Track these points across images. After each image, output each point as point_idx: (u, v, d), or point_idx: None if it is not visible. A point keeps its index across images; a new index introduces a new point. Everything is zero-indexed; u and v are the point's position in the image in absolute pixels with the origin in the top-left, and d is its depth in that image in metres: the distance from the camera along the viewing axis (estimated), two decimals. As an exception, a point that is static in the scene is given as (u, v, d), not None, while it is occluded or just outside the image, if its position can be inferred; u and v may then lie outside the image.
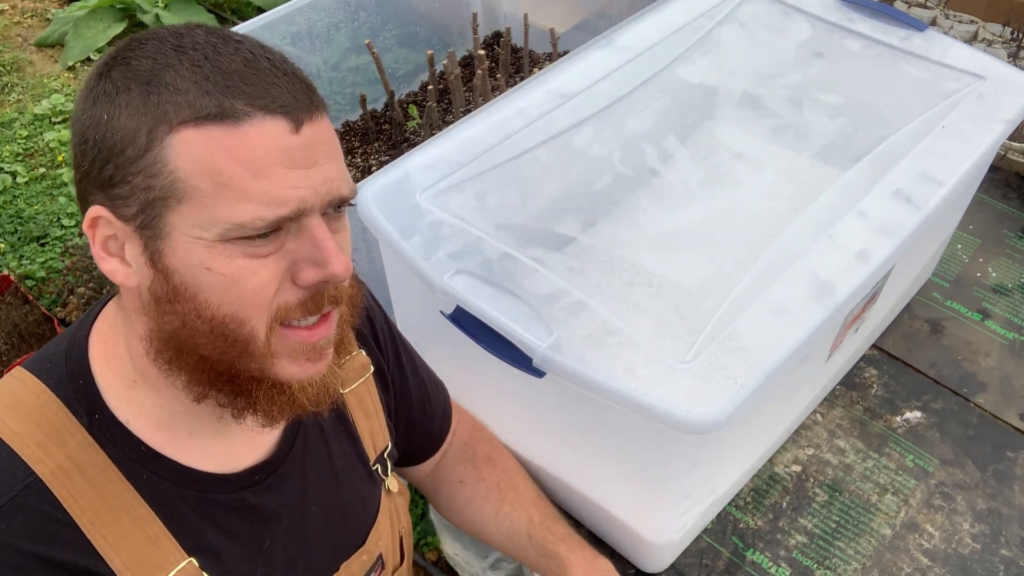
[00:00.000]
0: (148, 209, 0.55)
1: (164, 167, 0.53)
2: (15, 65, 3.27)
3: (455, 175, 0.98)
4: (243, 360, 0.59)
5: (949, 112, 1.04)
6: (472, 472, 0.95)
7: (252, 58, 0.55)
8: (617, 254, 1.07)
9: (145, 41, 0.56)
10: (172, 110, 0.53)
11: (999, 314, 1.33)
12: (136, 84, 0.54)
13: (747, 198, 1.16)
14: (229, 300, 0.56)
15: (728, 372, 0.78)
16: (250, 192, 0.53)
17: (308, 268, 0.57)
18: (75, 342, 0.64)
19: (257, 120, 0.53)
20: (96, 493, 0.60)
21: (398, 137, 1.62)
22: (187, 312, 0.56)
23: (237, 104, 0.53)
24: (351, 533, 0.80)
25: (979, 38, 1.77)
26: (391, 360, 0.86)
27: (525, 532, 0.91)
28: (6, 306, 2.11)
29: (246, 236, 0.55)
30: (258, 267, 0.56)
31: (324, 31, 1.61)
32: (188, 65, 0.54)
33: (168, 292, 0.56)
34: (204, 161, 0.53)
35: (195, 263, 0.55)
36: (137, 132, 0.53)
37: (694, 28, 1.21)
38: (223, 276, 0.55)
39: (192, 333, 0.57)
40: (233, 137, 0.53)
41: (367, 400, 0.82)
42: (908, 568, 1.03)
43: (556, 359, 0.79)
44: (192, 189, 0.53)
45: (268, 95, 0.54)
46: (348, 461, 0.79)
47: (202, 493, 0.66)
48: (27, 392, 0.62)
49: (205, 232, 0.54)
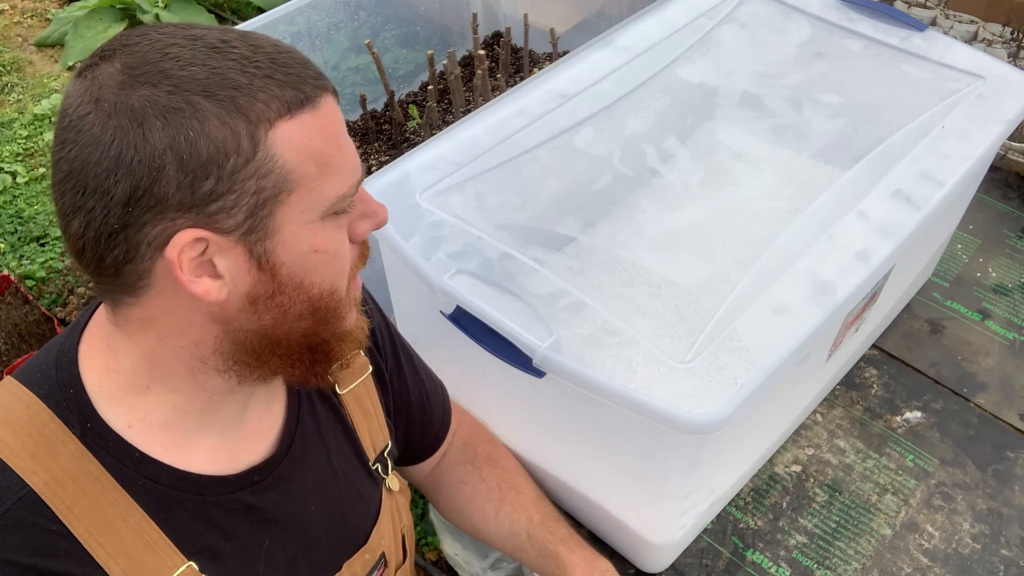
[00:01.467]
0: (257, 211, 0.56)
1: (275, 164, 0.55)
2: (15, 65, 3.27)
3: (455, 175, 0.98)
4: (332, 324, 0.64)
5: (949, 112, 1.04)
6: (472, 472, 0.95)
7: (279, 46, 0.58)
8: (617, 254, 1.07)
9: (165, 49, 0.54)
10: (265, 108, 0.54)
11: (999, 314, 1.33)
12: (204, 93, 0.53)
13: (747, 198, 1.16)
14: (329, 274, 0.61)
15: (728, 372, 0.78)
16: (342, 164, 0.59)
17: (362, 222, 0.64)
18: (64, 352, 0.64)
19: (324, 99, 0.58)
20: (91, 502, 0.60)
21: (398, 137, 1.62)
22: (291, 301, 0.60)
23: (310, 89, 0.57)
24: (352, 532, 0.80)
25: (979, 38, 1.77)
26: (389, 360, 0.86)
27: (525, 532, 0.91)
28: (6, 306, 2.11)
29: (338, 209, 0.60)
30: (343, 237, 0.62)
31: (324, 31, 1.61)
32: (246, 63, 0.55)
33: (273, 288, 0.59)
34: (307, 147, 0.56)
35: (304, 250, 0.59)
36: (238, 139, 0.53)
37: (694, 28, 1.21)
38: (327, 253, 0.60)
39: (293, 319, 0.61)
40: (318, 119, 0.57)
41: (366, 400, 0.82)
42: (908, 568, 1.03)
43: (556, 359, 0.79)
44: (300, 176, 0.56)
45: (318, 75, 0.58)
46: (347, 461, 0.79)
47: (200, 496, 0.65)
48: (18, 404, 0.62)
49: (312, 214, 0.58)
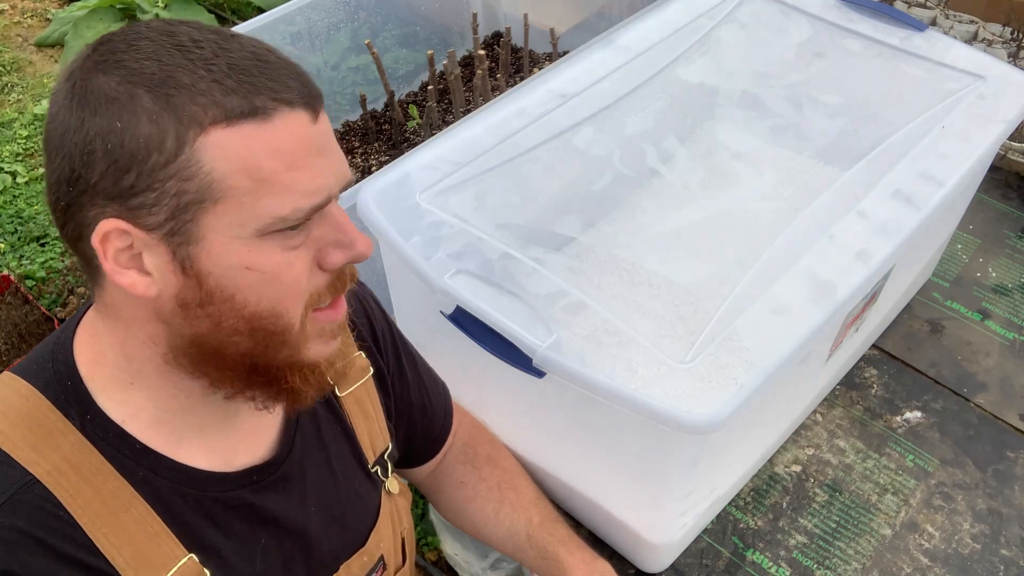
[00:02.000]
0: (179, 214, 0.54)
1: (199, 169, 0.53)
2: (15, 65, 3.27)
3: (455, 175, 0.98)
4: (278, 350, 0.60)
5: (949, 112, 1.04)
6: (473, 473, 0.95)
7: (258, 52, 0.55)
8: (617, 254, 1.07)
9: (135, 41, 0.54)
10: (200, 112, 0.52)
11: (999, 314, 1.33)
12: (147, 87, 0.52)
13: (747, 198, 1.16)
14: (269, 296, 0.57)
15: (728, 372, 0.78)
16: (288, 184, 0.55)
17: (334, 251, 0.60)
18: (60, 344, 0.64)
19: (283, 113, 0.54)
20: (94, 492, 0.60)
21: (398, 137, 1.62)
22: (222, 314, 0.57)
23: (263, 100, 0.54)
24: (350, 534, 0.80)
25: (979, 38, 1.77)
26: (391, 362, 0.86)
27: (524, 533, 0.91)
28: (6, 306, 2.11)
29: (282, 229, 0.56)
30: (293, 259, 0.58)
31: (324, 31, 1.61)
32: (200, 64, 0.53)
33: (201, 296, 0.56)
34: (241, 160, 0.53)
35: (234, 263, 0.56)
36: (163, 137, 0.52)
37: (694, 28, 1.21)
38: (263, 273, 0.56)
39: (227, 333, 0.58)
40: (267, 133, 0.54)
41: (366, 402, 0.82)
42: (908, 568, 1.03)
43: (556, 359, 0.79)
44: (230, 188, 0.54)
45: (286, 87, 0.55)
46: (346, 463, 0.79)
47: (200, 491, 0.65)
48: (16, 396, 0.62)
49: (243, 230, 0.55)
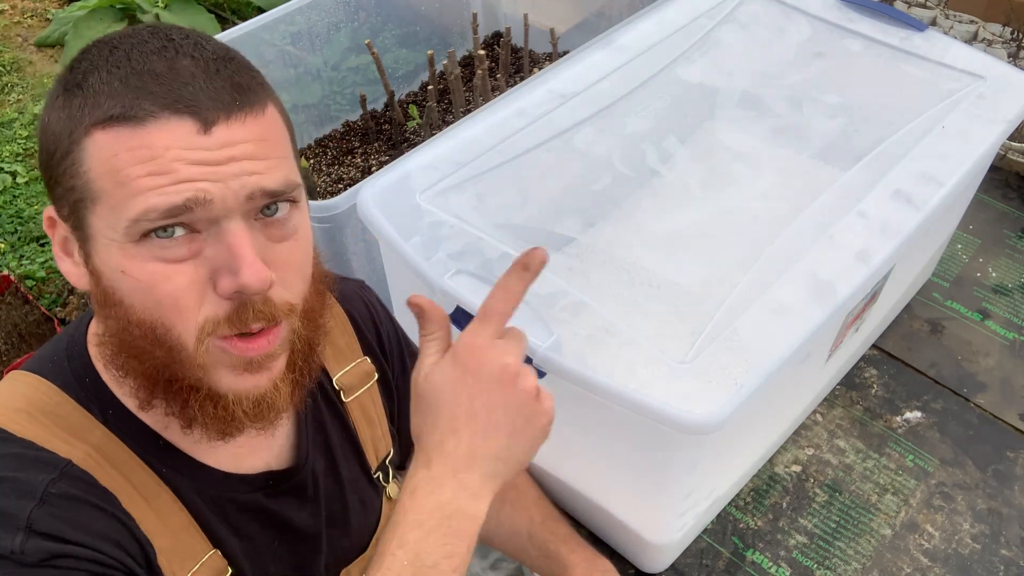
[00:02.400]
0: (75, 210, 0.55)
1: (79, 168, 0.54)
2: (15, 65, 3.27)
3: (455, 175, 0.98)
4: (178, 366, 0.57)
5: (949, 112, 1.04)
6: None
7: (174, 57, 0.54)
8: (617, 254, 1.07)
9: (95, 45, 0.56)
10: (87, 113, 0.53)
11: (999, 314, 1.33)
12: (66, 87, 0.55)
13: (747, 198, 1.16)
14: (147, 306, 0.55)
15: (728, 372, 0.77)
16: (144, 187, 0.52)
17: (225, 276, 0.54)
18: (75, 342, 0.64)
19: (162, 120, 0.52)
20: (124, 479, 0.61)
21: (398, 137, 1.62)
22: (119, 316, 0.56)
23: (143, 104, 0.52)
24: (354, 540, 0.80)
25: (979, 38, 1.77)
26: (396, 367, 0.86)
27: (526, 532, 0.91)
28: (6, 306, 2.11)
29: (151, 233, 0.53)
30: (172, 272, 0.54)
31: (324, 31, 1.61)
32: (109, 67, 0.54)
33: (101, 294, 0.56)
34: (108, 162, 0.53)
35: (113, 265, 0.54)
36: (61, 135, 0.54)
37: (694, 28, 1.21)
38: (137, 281, 0.54)
39: (128, 337, 0.56)
40: (135, 137, 0.52)
41: (370, 408, 0.82)
42: (908, 568, 1.03)
43: (556, 359, 0.79)
44: (99, 190, 0.53)
45: (176, 95, 0.52)
46: (352, 469, 0.79)
47: (217, 491, 0.66)
48: (38, 393, 0.61)
49: (115, 233, 0.53)
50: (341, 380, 0.79)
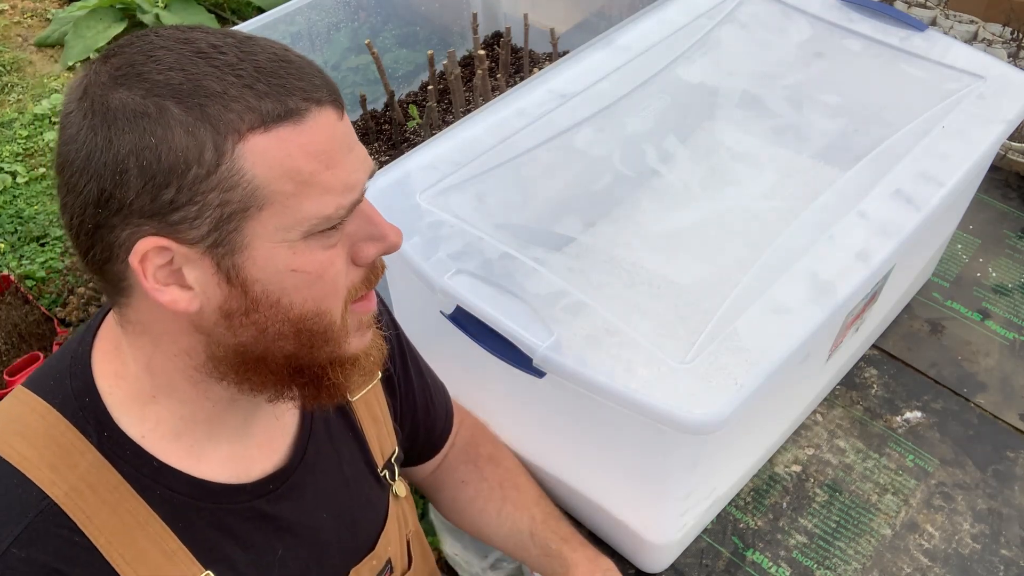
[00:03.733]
0: (223, 225, 0.53)
1: (241, 178, 0.52)
2: (15, 65, 3.27)
3: (455, 175, 0.98)
4: (322, 349, 0.61)
5: (949, 112, 1.04)
6: (474, 472, 0.95)
7: (279, 53, 0.55)
8: (617, 254, 1.07)
9: (152, 52, 0.53)
10: (236, 119, 0.51)
11: (999, 314, 1.33)
12: (176, 98, 0.51)
13: (747, 198, 1.16)
14: (313, 296, 0.58)
15: (728, 372, 0.78)
16: (328, 184, 0.55)
17: (367, 245, 0.60)
18: (78, 358, 0.63)
19: (314, 113, 0.54)
20: (111, 512, 0.60)
21: (398, 137, 1.62)
22: (267, 319, 0.57)
23: (296, 101, 0.53)
24: (361, 539, 0.80)
25: (979, 38, 1.77)
26: (397, 364, 0.86)
27: (527, 531, 0.91)
28: (6, 306, 2.11)
29: (324, 229, 0.56)
30: (334, 256, 0.58)
31: (324, 31, 1.61)
32: (228, 70, 0.52)
33: (246, 305, 0.56)
34: (283, 164, 0.53)
35: (280, 267, 0.56)
36: (201, 148, 0.51)
37: (694, 28, 1.21)
38: (308, 274, 0.57)
39: (272, 338, 0.58)
40: (302, 134, 0.53)
41: (375, 406, 0.82)
42: (908, 568, 1.03)
43: (556, 359, 0.79)
44: (273, 193, 0.53)
45: (314, 86, 0.55)
46: (357, 467, 0.79)
47: (216, 504, 0.65)
48: (34, 415, 0.61)
49: (289, 233, 0.55)
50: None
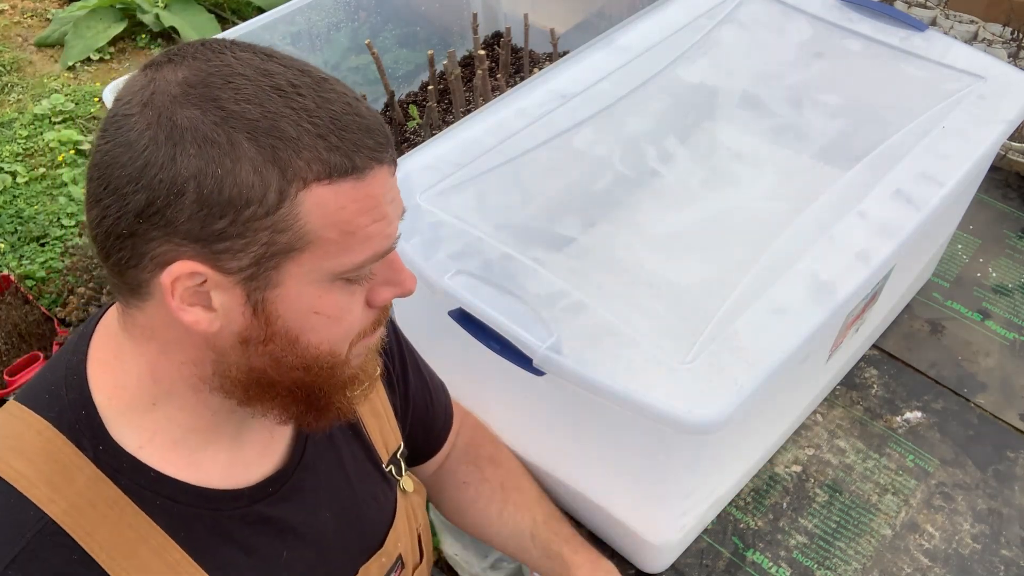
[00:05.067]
0: (264, 262, 0.54)
1: (295, 223, 0.53)
2: (15, 65, 3.27)
3: (455, 175, 0.98)
4: (330, 382, 0.62)
5: (949, 112, 1.04)
6: (475, 473, 0.95)
7: (352, 105, 0.56)
8: (617, 254, 1.08)
9: (231, 78, 0.53)
10: (305, 167, 0.52)
11: (999, 314, 1.33)
12: (249, 134, 0.51)
13: (747, 198, 1.16)
14: (329, 337, 0.59)
15: (728, 372, 0.78)
16: (370, 235, 0.57)
17: (384, 289, 0.62)
18: (73, 369, 0.63)
19: (375, 170, 0.56)
20: (111, 527, 0.60)
21: (398, 137, 1.62)
22: (283, 353, 0.59)
23: (362, 158, 0.55)
24: (367, 536, 0.79)
25: (979, 38, 1.77)
26: (396, 362, 0.87)
27: (528, 532, 0.91)
28: (6, 306, 2.11)
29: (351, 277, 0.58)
30: (353, 302, 0.60)
31: (324, 31, 1.61)
32: (304, 115, 0.53)
33: (265, 335, 0.58)
34: (336, 215, 0.55)
35: (304, 308, 0.57)
36: (266, 189, 0.52)
37: (694, 28, 1.21)
38: (329, 316, 0.58)
39: (283, 370, 0.60)
40: (360, 190, 0.55)
41: (375, 401, 0.82)
42: (908, 568, 1.03)
43: (556, 359, 0.79)
44: (318, 239, 0.55)
45: (379, 145, 0.56)
46: (359, 464, 0.79)
47: (216, 511, 0.65)
48: (29, 430, 0.61)
49: (319, 275, 0.56)
50: None
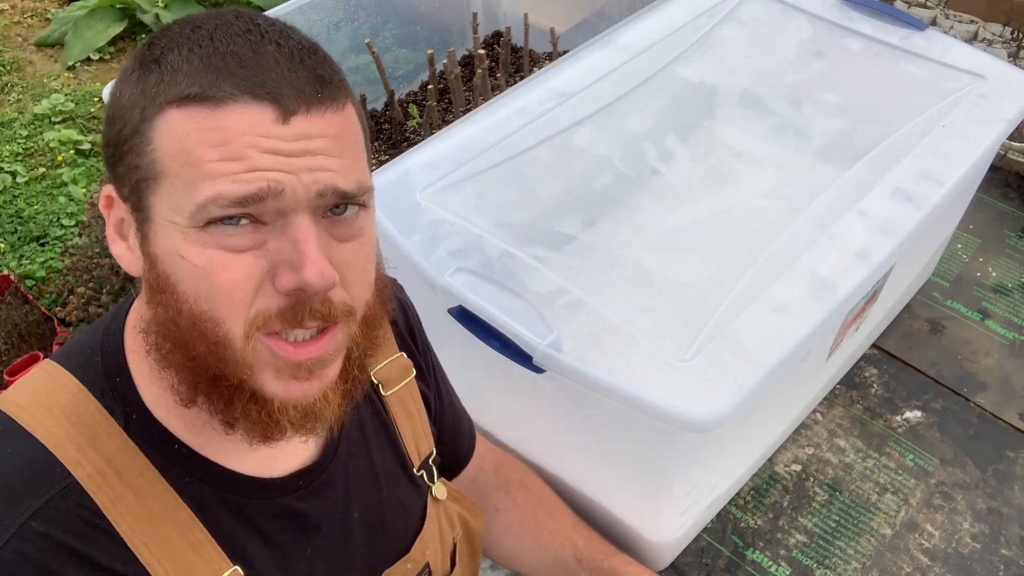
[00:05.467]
0: (137, 190, 0.53)
1: (147, 146, 0.52)
2: (15, 65, 3.27)
3: (455, 174, 0.98)
4: (224, 365, 0.55)
5: (949, 111, 1.04)
6: (507, 499, 0.93)
7: (259, 41, 0.53)
8: (617, 253, 1.07)
9: (177, 23, 0.55)
10: (163, 90, 0.51)
11: (999, 314, 1.33)
12: (142, 63, 0.53)
13: (747, 197, 1.16)
14: (203, 294, 0.53)
15: (728, 371, 0.77)
16: (215, 172, 0.50)
17: (285, 271, 0.53)
18: (110, 335, 0.62)
19: (241, 105, 0.51)
20: (136, 497, 0.58)
21: (398, 137, 1.62)
22: (169, 304, 0.54)
23: (223, 87, 0.51)
24: (392, 540, 0.76)
25: (979, 38, 1.77)
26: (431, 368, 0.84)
27: (572, 558, 0.89)
28: (6, 306, 2.11)
29: (217, 220, 0.51)
30: (232, 261, 0.52)
31: (324, 31, 1.61)
32: (191, 45, 0.52)
33: (154, 280, 0.54)
34: (179, 142, 0.51)
35: (171, 250, 0.52)
36: (133, 111, 0.53)
37: (694, 27, 1.21)
38: (195, 267, 0.52)
39: (177, 327, 0.54)
40: (211, 119, 0.51)
41: (409, 403, 0.79)
42: (908, 568, 1.03)
43: (556, 357, 0.79)
44: (166, 170, 0.52)
45: (259, 79, 0.51)
46: (390, 466, 0.76)
47: (244, 498, 0.63)
48: (63, 391, 0.59)
49: (178, 216, 0.52)
50: (379, 374, 0.76)
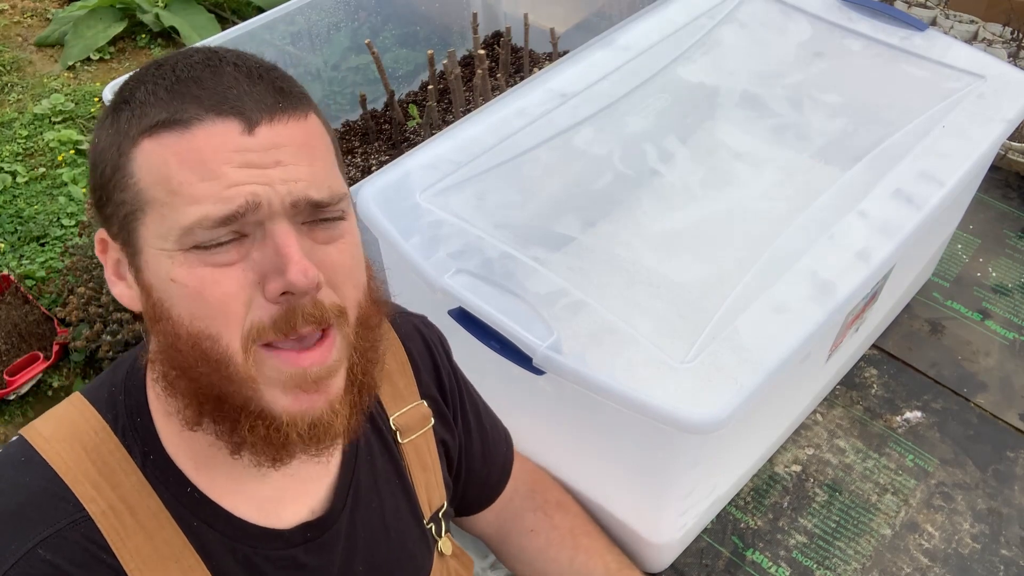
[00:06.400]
0: (125, 225, 0.55)
1: (129, 180, 0.54)
2: (15, 65, 3.27)
3: (455, 175, 0.98)
4: (227, 384, 0.55)
5: (949, 112, 1.04)
6: (544, 520, 0.92)
7: (218, 65, 0.54)
8: (617, 254, 1.07)
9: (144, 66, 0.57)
10: (134, 124, 0.54)
11: (999, 314, 1.33)
12: (115, 107, 0.56)
13: (747, 198, 1.16)
14: (198, 314, 0.53)
15: (728, 372, 0.77)
16: (197, 194, 0.52)
17: (272, 278, 0.53)
18: (133, 372, 0.63)
19: (207, 123, 0.52)
20: (146, 538, 0.59)
21: (398, 137, 1.62)
22: (168, 329, 0.54)
23: (187, 108, 0.52)
24: None
25: (979, 38, 1.77)
26: (457, 408, 0.83)
27: None
28: (6, 306, 2.11)
29: (204, 244, 0.52)
30: (220, 276, 0.53)
31: (324, 31, 1.61)
32: (155, 80, 0.54)
33: (151, 309, 0.55)
34: (159, 170, 0.52)
35: (163, 275, 0.54)
36: (110, 150, 0.55)
37: (694, 28, 1.21)
38: (187, 287, 0.53)
39: (178, 351, 0.55)
40: (182, 142, 0.52)
41: (425, 453, 0.78)
42: (908, 568, 1.03)
43: (556, 358, 0.79)
44: (151, 199, 0.53)
45: (220, 97, 0.53)
46: (401, 518, 0.75)
47: (252, 548, 0.63)
48: (86, 426, 0.61)
49: (166, 242, 0.53)
50: (398, 421, 0.76)
